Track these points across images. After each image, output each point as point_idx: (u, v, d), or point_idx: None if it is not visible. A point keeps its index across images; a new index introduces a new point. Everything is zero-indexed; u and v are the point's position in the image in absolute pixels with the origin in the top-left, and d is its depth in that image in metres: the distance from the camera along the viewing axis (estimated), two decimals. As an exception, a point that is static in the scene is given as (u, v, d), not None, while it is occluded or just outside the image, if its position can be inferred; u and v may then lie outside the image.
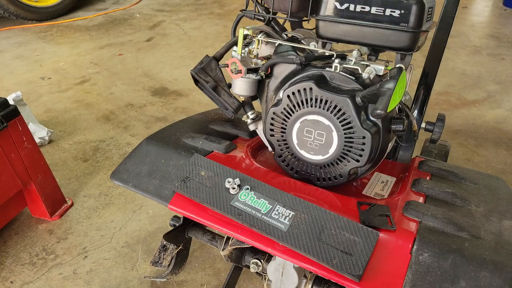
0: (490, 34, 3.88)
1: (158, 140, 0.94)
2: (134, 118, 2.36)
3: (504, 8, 4.82)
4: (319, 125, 0.78)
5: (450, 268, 0.61)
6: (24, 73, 2.94)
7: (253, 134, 1.02)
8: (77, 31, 3.85)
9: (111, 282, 1.34)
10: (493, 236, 0.67)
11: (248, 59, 0.87)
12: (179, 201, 0.80)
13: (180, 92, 2.68)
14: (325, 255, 0.65)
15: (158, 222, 1.58)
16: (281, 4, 0.88)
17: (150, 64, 3.12)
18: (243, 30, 0.85)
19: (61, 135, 2.19)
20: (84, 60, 3.18)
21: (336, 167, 0.80)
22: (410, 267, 0.62)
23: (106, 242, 1.50)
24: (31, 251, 1.46)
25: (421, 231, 0.68)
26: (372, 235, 0.66)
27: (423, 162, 0.94)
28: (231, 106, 0.90)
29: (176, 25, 4.04)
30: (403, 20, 0.74)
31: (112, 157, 2.00)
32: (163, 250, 1.08)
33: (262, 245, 0.72)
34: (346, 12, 0.78)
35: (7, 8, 3.71)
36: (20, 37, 3.66)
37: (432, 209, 0.72)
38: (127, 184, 0.88)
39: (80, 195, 1.74)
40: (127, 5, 4.68)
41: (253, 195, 0.75)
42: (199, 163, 0.82)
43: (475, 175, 0.89)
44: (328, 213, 0.70)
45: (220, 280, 1.35)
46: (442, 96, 2.61)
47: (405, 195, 0.81)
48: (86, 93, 2.67)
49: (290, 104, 0.79)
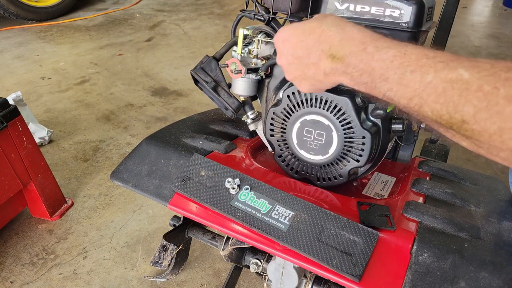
0: (490, 34, 3.88)
1: (158, 140, 0.94)
2: (134, 118, 2.36)
3: (504, 8, 4.82)
4: (319, 125, 0.78)
5: (450, 269, 0.61)
6: (24, 73, 2.94)
7: (253, 134, 1.02)
8: (77, 31, 3.85)
9: (111, 282, 1.34)
10: (493, 237, 0.67)
11: (248, 59, 0.87)
12: (179, 201, 0.80)
13: (180, 92, 2.68)
14: (325, 255, 0.65)
15: (158, 222, 1.59)
16: (281, 4, 0.88)
17: (150, 64, 3.12)
18: (243, 30, 0.85)
19: (61, 135, 2.19)
20: (84, 60, 3.18)
21: (336, 167, 0.80)
22: (409, 267, 0.62)
23: (106, 242, 1.50)
24: (31, 251, 1.46)
25: (421, 231, 0.68)
26: (372, 235, 0.66)
27: (423, 162, 0.94)
28: (231, 106, 0.90)
29: (176, 25, 4.04)
30: (403, 20, 0.74)
31: (112, 157, 2.00)
32: (163, 250, 1.08)
33: (262, 245, 0.72)
34: (346, 12, 0.78)
35: (7, 8, 3.70)
36: (20, 37, 3.66)
37: (432, 209, 0.72)
38: (127, 184, 0.88)
39: (80, 195, 1.74)
40: (127, 5, 4.68)
41: (253, 195, 0.75)
42: (199, 163, 0.82)
43: (475, 176, 0.89)
44: (328, 213, 0.70)
45: (220, 280, 1.35)
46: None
47: (405, 195, 0.81)
48: (86, 93, 2.67)
49: (290, 104, 0.79)
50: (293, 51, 0.61)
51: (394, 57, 0.48)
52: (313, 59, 0.58)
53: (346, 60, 0.53)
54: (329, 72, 0.57)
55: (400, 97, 0.48)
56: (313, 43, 0.58)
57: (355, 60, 0.52)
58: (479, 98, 0.40)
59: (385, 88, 0.49)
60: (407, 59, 0.47)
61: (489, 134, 0.40)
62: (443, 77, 0.43)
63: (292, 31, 0.62)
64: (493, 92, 0.39)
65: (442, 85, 0.43)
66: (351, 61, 0.53)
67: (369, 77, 0.51)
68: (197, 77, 0.89)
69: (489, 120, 0.40)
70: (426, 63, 0.45)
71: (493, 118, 0.39)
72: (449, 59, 0.44)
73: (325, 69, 0.57)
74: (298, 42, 0.60)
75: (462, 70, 0.42)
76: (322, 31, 0.57)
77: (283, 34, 0.63)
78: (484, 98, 0.40)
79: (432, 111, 0.45)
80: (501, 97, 0.38)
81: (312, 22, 0.60)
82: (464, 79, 0.42)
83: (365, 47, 0.52)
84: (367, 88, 0.53)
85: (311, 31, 0.59)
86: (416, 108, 0.47)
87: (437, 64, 0.45)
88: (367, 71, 0.51)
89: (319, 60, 0.57)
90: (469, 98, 0.41)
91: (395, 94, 0.48)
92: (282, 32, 0.63)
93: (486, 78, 0.40)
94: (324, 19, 0.59)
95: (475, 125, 0.41)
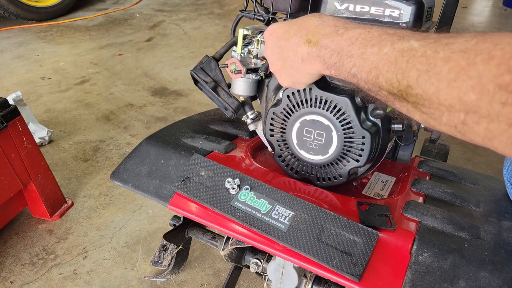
0: (490, 34, 3.87)
1: (158, 140, 0.94)
2: (134, 118, 2.36)
3: (504, 8, 4.82)
4: (318, 125, 0.78)
5: (450, 268, 0.61)
6: (24, 73, 2.94)
7: (253, 134, 1.02)
8: (77, 31, 3.85)
9: (111, 282, 1.34)
10: (493, 237, 0.67)
11: (247, 59, 0.87)
12: (179, 201, 0.80)
13: (180, 92, 2.68)
14: (325, 255, 0.65)
15: (158, 222, 1.59)
16: (281, 4, 0.88)
17: (150, 64, 3.12)
18: (242, 30, 0.85)
19: (61, 135, 2.19)
20: (84, 60, 3.18)
21: (335, 167, 0.80)
22: (409, 267, 0.62)
23: (106, 242, 1.50)
24: (31, 251, 1.46)
25: (421, 231, 0.68)
26: (372, 235, 0.66)
27: (423, 162, 0.94)
28: (231, 106, 0.90)
29: (176, 25, 4.04)
30: (402, 20, 0.74)
31: (112, 157, 2.00)
32: (163, 250, 1.08)
33: (262, 245, 0.72)
34: (345, 12, 0.78)
35: (7, 8, 3.70)
36: (20, 37, 3.66)
37: (431, 209, 0.72)
38: (127, 184, 0.88)
39: (80, 195, 1.74)
40: (127, 5, 4.68)
41: (253, 195, 0.75)
42: (199, 163, 0.83)
43: (475, 176, 0.89)
44: (328, 213, 0.70)
45: (220, 280, 1.35)
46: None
47: (404, 195, 0.81)
48: (86, 93, 2.67)
49: (290, 104, 0.79)
50: (277, 42, 0.66)
51: (359, 34, 0.52)
52: (293, 45, 0.62)
53: (320, 42, 0.57)
54: (305, 58, 0.60)
55: (362, 71, 0.51)
56: (294, 32, 0.62)
57: (327, 41, 0.56)
58: (421, 62, 0.43)
59: (350, 64, 0.53)
60: (370, 35, 0.51)
61: (428, 96, 0.43)
62: (396, 47, 0.47)
63: (279, 25, 0.67)
64: (434, 55, 0.42)
65: (394, 54, 0.47)
66: (324, 43, 0.57)
67: (337, 56, 0.55)
68: (197, 77, 0.89)
69: (428, 82, 0.42)
70: (386, 38, 0.49)
71: (432, 79, 0.42)
72: (406, 34, 0.48)
73: (302, 54, 0.61)
74: (282, 33, 0.65)
75: (413, 41, 0.46)
76: (303, 21, 0.62)
77: (271, 28, 0.69)
78: (426, 61, 0.43)
79: (386, 81, 0.48)
80: (439, 58, 0.41)
81: (297, 18, 0.65)
82: (413, 48, 0.45)
83: (338, 29, 0.56)
84: (336, 69, 0.56)
85: (294, 22, 0.64)
86: (373, 80, 0.50)
87: (394, 37, 0.48)
88: (336, 51, 0.55)
89: (297, 47, 0.61)
90: (414, 63, 0.44)
91: (358, 69, 0.52)
92: (271, 26, 0.69)
93: (430, 45, 0.43)
94: (309, 15, 0.64)
95: (418, 89, 0.44)
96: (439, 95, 0.42)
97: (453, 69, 0.40)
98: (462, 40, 0.41)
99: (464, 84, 0.39)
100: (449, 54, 0.41)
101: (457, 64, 0.40)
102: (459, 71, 0.39)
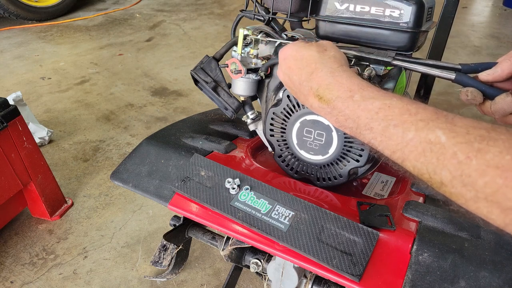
0: (490, 34, 3.88)
1: (158, 140, 0.94)
2: (134, 118, 2.36)
3: (504, 8, 4.81)
4: (318, 125, 0.78)
5: (450, 268, 0.61)
6: (24, 73, 2.94)
7: (253, 134, 1.02)
8: (77, 31, 3.85)
9: (111, 282, 1.34)
10: (493, 236, 0.67)
11: (248, 59, 0.87)
12: (179, 201, 0.80)
13: (180, 92, 2.68)
14: (325, 255, 0.65)
15: (158, 222, 1.59)
16: (281, 4, 0.88)
17: (150, 64, 3.12)
18: (243, 30, 0.85)
19: (61, 135, 2.19)
20: (84, 60, 3.18)
21: (336, 167, 0.80)
22: (410, 267, 0.62)
23: (106, 242, 1.50)
24: (31, 251, 1.46)
25: (421, 231, 0.68)
26: (372, 235, 0.66)
27: (423, 162, 0.94)
28: (231, 106, 0.90)
29: (176, 25, 4.04)
30: (402, 20, 0.74)
31: (112, 157, 2.00)
32: (163, 250, 1.08)
33: (262, 245, 0.72)
34: (346, 12, 0.78)
35: (7, 8, 3.70)
36: (20, 37, 3.66)
37: (431, 209, 0.72)
38: (127, 184, 0.88)
39: (80, 195, 1.74)
40: (127, 5, 4.68)
41: (253, 195, 0.75)
42: (199, 163, 0.83)
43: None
44: (328, 213, 0.70)
45: (220, 280, 1.35)
46: (442, 96, 2.61)
47: (404, 195, 0.81)
48: (86, 93, 2.67)
49: (290, 104, 0.79)
50: (289, 72, 0.65)
51: (379, 109, 0.50)
52: (303, 91, 0.61)
53: (332, 103, 0.56)
54: (316, 108, 0.60)
55: (384, 148, 0.50)
56: (305, 77, 0.61)
57: (341, 106, 0.55)
58: (454, 166, 0.41)
59: (369, 136, 0.51)
60: (391, 112, 0.49)
61: (465, 199, 0.42)
62: (422, 136, 0.45)
63: (293, 53, 0.65)
64: (466, 162, 0.40)
65: (421, 145, 0.45)
66: (337, 105, 0.55)
67: (354, 123, 0.53)
68: (197, 77, 0.89)
69: (464, 188, 0.41)
70: (408, 120, 0.47)
71: (468, 187, 0.41)
72: (430, 118, 0.46)
73: (313, 104, 0.60)
74: (294, 67, 0.63)
75: (440, 132, 0.44)
76: (315, 68, 0.60)
77: (286, 51, 0.67)
78: (459, 167, 0.41)
79: (414, 168, 0.46)
80: (473, 169, 0.40)
81: (312, 50, 0.63)
82: (441, 143, 0.43)
83: (352, 95, 0.54)
84: (352, 132, 0.55)
85: (307, 63, 0.62)
86: (399, 161, 0.48)
87: (418, 122, 0.46)
88: (352, 118, 0.53)
89: (307, 95, 0.60)
90: (445, 163, 0.42)
91: (379, 144, 0.50)
92: (286, 49, 0.67)
93: (460, 145, 0.41)
94: (324, 52, 0.62)
95: (452, 189, 0.42)
96: (477, 202, 0.40)
97: (490, 185, 0.39)
98: (496, 150, 0.39)
99: (503, 203, 0.38)
100: (483, 168, 0.39)
101: (494, 181, 0.38)
102: (497, 189, 0.38)
